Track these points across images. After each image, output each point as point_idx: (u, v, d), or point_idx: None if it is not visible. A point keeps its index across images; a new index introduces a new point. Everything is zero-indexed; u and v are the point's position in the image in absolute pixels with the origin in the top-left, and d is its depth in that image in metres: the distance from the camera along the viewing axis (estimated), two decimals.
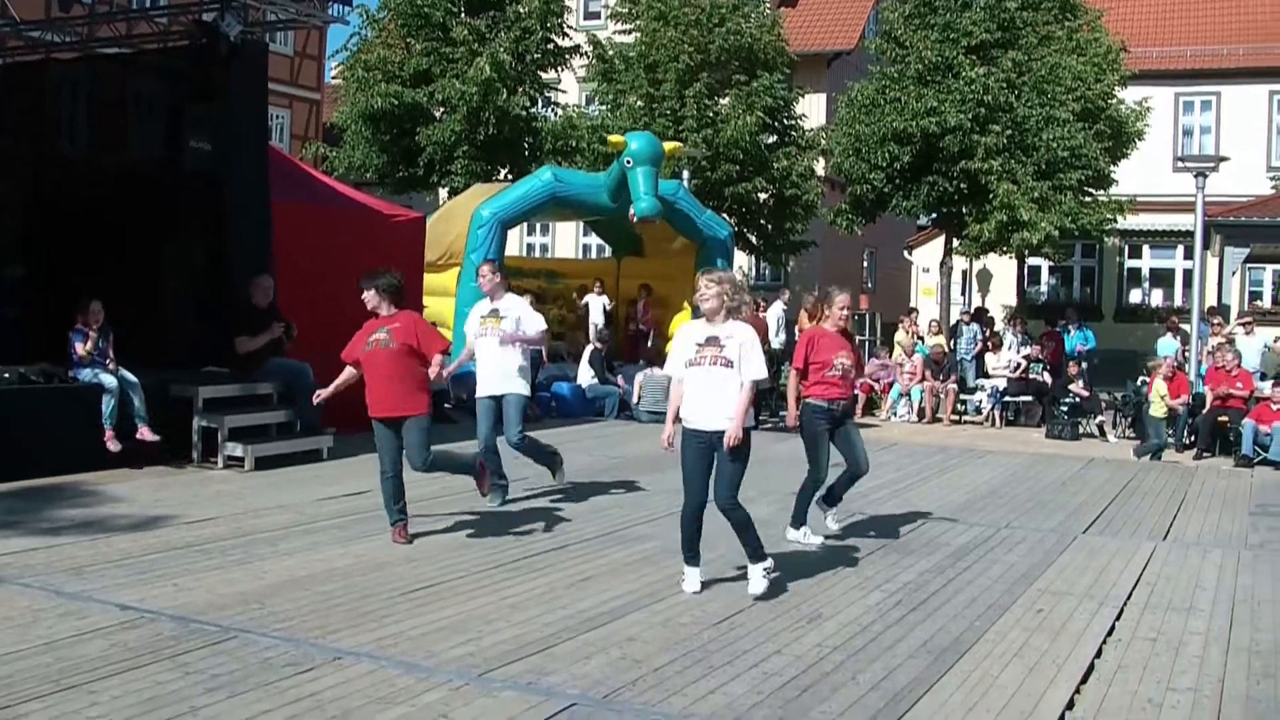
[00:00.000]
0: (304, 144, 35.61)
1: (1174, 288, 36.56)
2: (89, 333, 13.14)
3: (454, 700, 6.28)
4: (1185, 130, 36.45)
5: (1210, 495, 14.33)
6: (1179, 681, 7.05)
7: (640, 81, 29.55)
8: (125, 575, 8.67)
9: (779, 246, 31.35)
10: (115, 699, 6.13)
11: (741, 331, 8.49)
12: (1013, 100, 27.14)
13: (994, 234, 27.03)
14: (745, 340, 8.46)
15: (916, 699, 6.56)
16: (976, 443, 19.11)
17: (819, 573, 9.46)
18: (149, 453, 13.17)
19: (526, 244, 40.00)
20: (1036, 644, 7.71)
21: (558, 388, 20.76)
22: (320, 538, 10.07)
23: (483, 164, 28.90)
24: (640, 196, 19.76)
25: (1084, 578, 9.65)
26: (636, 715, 6.15)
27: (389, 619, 7.72)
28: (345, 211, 16.83)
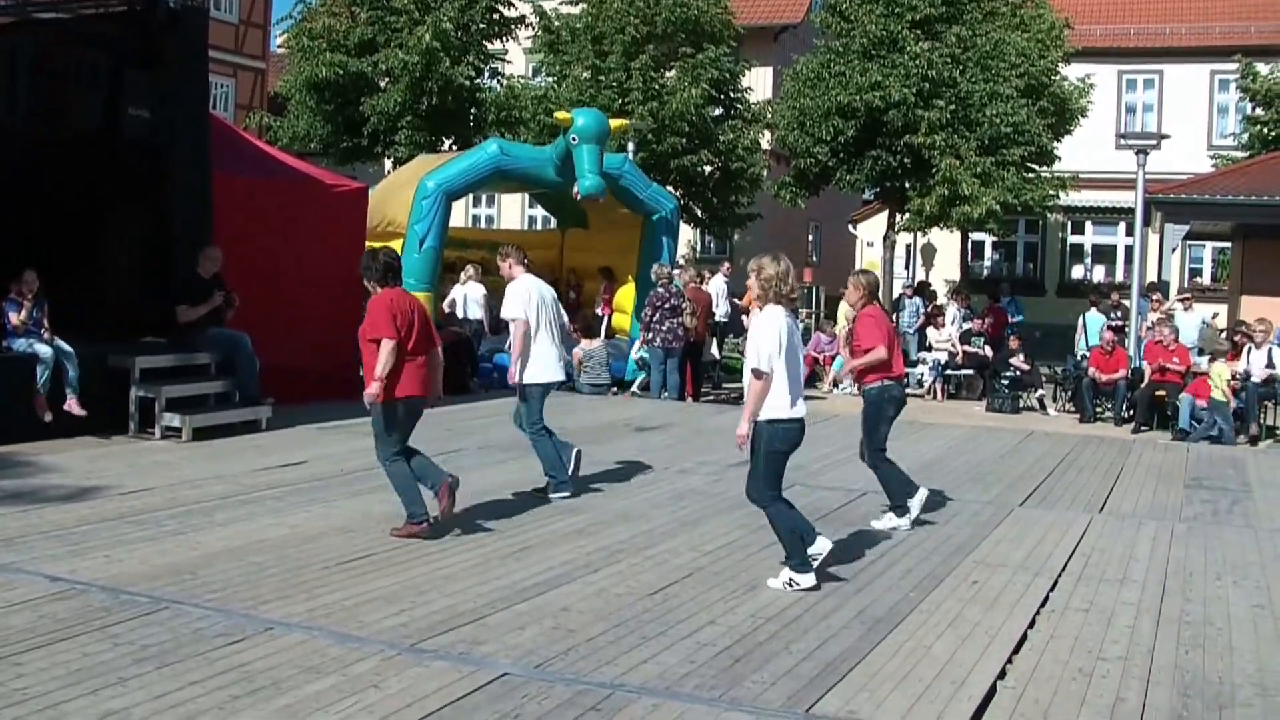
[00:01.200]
0: (248, 113, 35.29)
1: (1116, 264, 36.85)
2: (23, 302, 12.98)
3: (385, 670, 6.27)
4: (1128, 108, 36.72)
5: (1147, 468, 14.45)
6: (1109, 651, 7.12)
7: (586, 53, 29.45)
8: (56, 546, 8.57)
9: (724, 219, 31.38)
10: (42, 670, 6.07)
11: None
12: (956, 75, 27.21)
13: (936, 208, 27.13)
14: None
15: (849, 668, 6.60)
16: (917, 416, 19.12)
17: (754, 544, 9.46)
18: (84, 424, 13.02)
19: (472, 215, 39.85)
20: (970, 615, 7.76)
21: (499, 359, 20.66)
22: (256, 508, 10.00)
23: (426, 134, 28.77)
24: (584, 174, 19.70)
25: (1019, 550, 9.72)
26: (568, 685, 6.15)
27: (322, 590, 7.69)
28: (287, 182, 16.69)
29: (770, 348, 8.07)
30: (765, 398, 8.09)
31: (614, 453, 13.61)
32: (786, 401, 8.15)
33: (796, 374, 8.27)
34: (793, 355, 8.24)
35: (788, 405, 8.16)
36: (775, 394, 8.11)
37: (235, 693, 5.87)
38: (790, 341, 8.20)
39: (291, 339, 15.43)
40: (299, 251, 15.95)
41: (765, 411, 8.13)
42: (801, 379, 8.37)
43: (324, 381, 16.14)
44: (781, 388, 8.13)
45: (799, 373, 8.32)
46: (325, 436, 13.83)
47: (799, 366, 8.35)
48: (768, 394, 8.09)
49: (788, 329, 8.20)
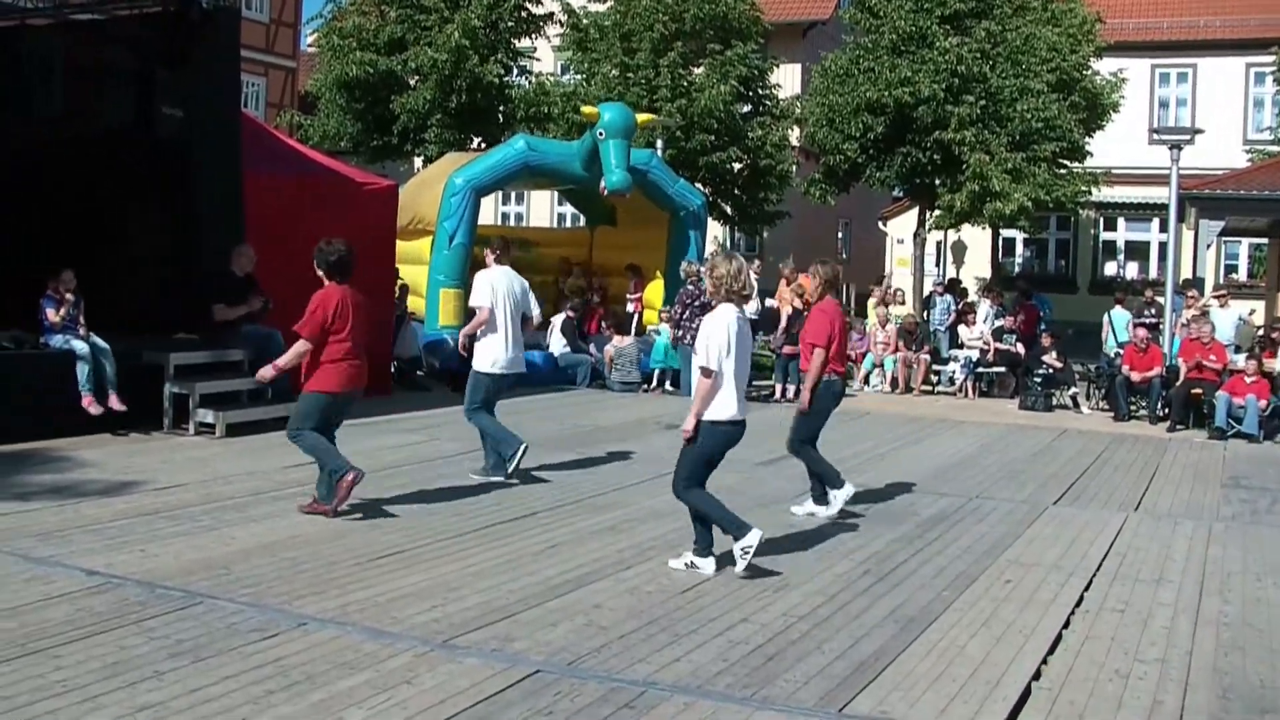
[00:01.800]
0: (279, 112, 35.42)
1: (1149, 260, 36.64)
2: (60, 299, 13.07)
3: (418, 666, 6.27)
4: (1161, 102, 36.47)
5: (1183, 467, 14.39)
6: (1146, 653, 7.08)
7: (615, 50, 29.40)
8: (93, 541, 8.62)
9: (753, 217, 31.28)
10: (80, 663, 6.11)
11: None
12: (987, 71, 27.06)
13: (967, 205, 26.98)
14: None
15: (882, 668, 6.58)
16: (949, 413, 19.10)
17: (787, 542, 9.46)
18: (119, 420, 13.09)
19: (501, 213, 39.89)
20: (1004, 614, 7.73)
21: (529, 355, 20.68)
22: (288, 504, 10.02)
23: (455, 132, 28.78)
24: (611, 170, 19.68)
25: (1053, 549, 9.68)
26: (600, 682, 6.15)
27: (354, 586, 7.71)
28: (318, 179, 16.73)
29: (719, 347, 8.18)
30: (713, 396, 8.20)
31: (644, 450, 13.61)
32: (731, 402, 8.25)
33: (743, 374, 8.39)
34: (741, 355, 8.34)
35: (731, 407, 8.26)
36: (721, 393, 8.23)
37: (270, 687, 5.89)
38: (739, 341, 8.29)
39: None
40: None
41: (709, 411, 8.23)
42: (746, 379, 8.49)
43: None
44: (728, 387, 8.23)
45: (746, 372, 8.44)
46: (356, 433, 13.76)
47: (747, 367, 8.48)
48: (716, 393, 8.20)
49: (737, 328, 8.29)
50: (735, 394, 8.24)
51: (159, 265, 14.77)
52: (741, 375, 8.32)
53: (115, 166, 14.51)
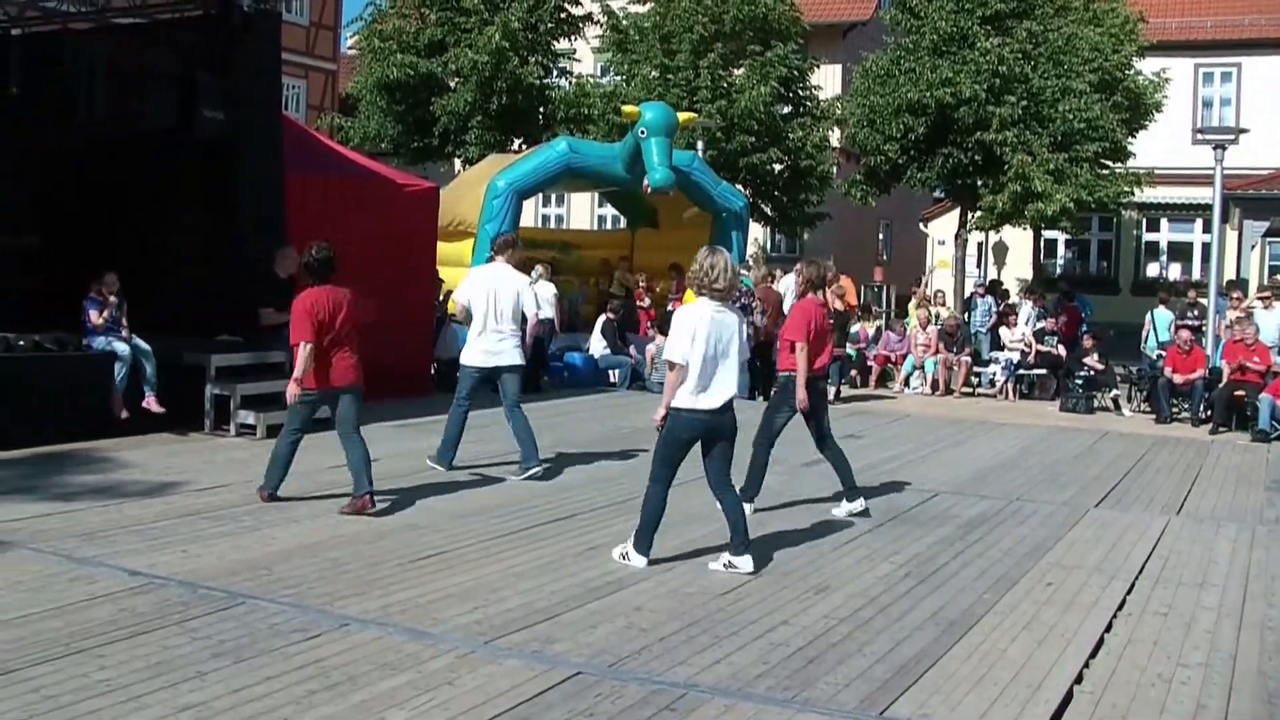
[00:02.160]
0: (319, 114, 35.56)
1: (1192, 261, 36.37)
2: (104, 301, 13.17)
3: (460, 667, 6.29)
4: (1205, 102, 36.20)
5: (1225, 470, 14.28)
6: (1190, 657, 7.03)
7: (655, 52, 29.42)
8: (136, 541, 8.68)
9: (793, 218, 31.24)
10: (123, 663, 6.15)
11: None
12: (1028, 71, 26.95)
13: (1008, 206, 26.88)
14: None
15: (924, 671, 6.55)
16: (990, 415, 19.04)
17: (828, 544, 9.46)
18: (160, 421, 13.18)
19: (542, 215, 39.96)
20: (1046, 617, 7.69)
21: (570, 357, 20.75)
22: (330, 505, 10.06)
23: (496, 134, 28.84)
24: (654, 167, 19.68)
25: (1095, 551, 9.63)
26: (641, 684, 6.15)
27: (396, 586, 7.73)
28: (359, 181, 16.79)
29: (681, 340, 8.28)
30: (677, 387, 8.29)
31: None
32: (691, 391, 8.30)
33: (712, 367, 8.35)
34: (712, 348, 8.34)
35: (691, 395, 8.30)
36: (687, 383, 8.29)
37: (312, 688, 5.91)
38: (710, 334, 8.31)
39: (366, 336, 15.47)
40: (371, 251, 16.01)
41: (675, 399, 8.32)
42: (723, 371, 8.43)
43: (397, 379, 16.22)
44: (691, 378, 8.27)
45: (716, 366, 8.38)
46: (399, 434, 13.88)
47: (717, 360, 8.39)
48: (680, 383, 8.29)
49: (708, 322, 8.33)
50: (699, 384, 8.30)
51: (201, 267, 14.84)
52: (710, 368, 8.33)
53: (157, 169, 14.60)
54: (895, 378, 23.46)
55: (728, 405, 8.45)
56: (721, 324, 8.41)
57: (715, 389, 8.37)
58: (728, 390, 8.43)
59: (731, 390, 8.46)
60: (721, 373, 8.39)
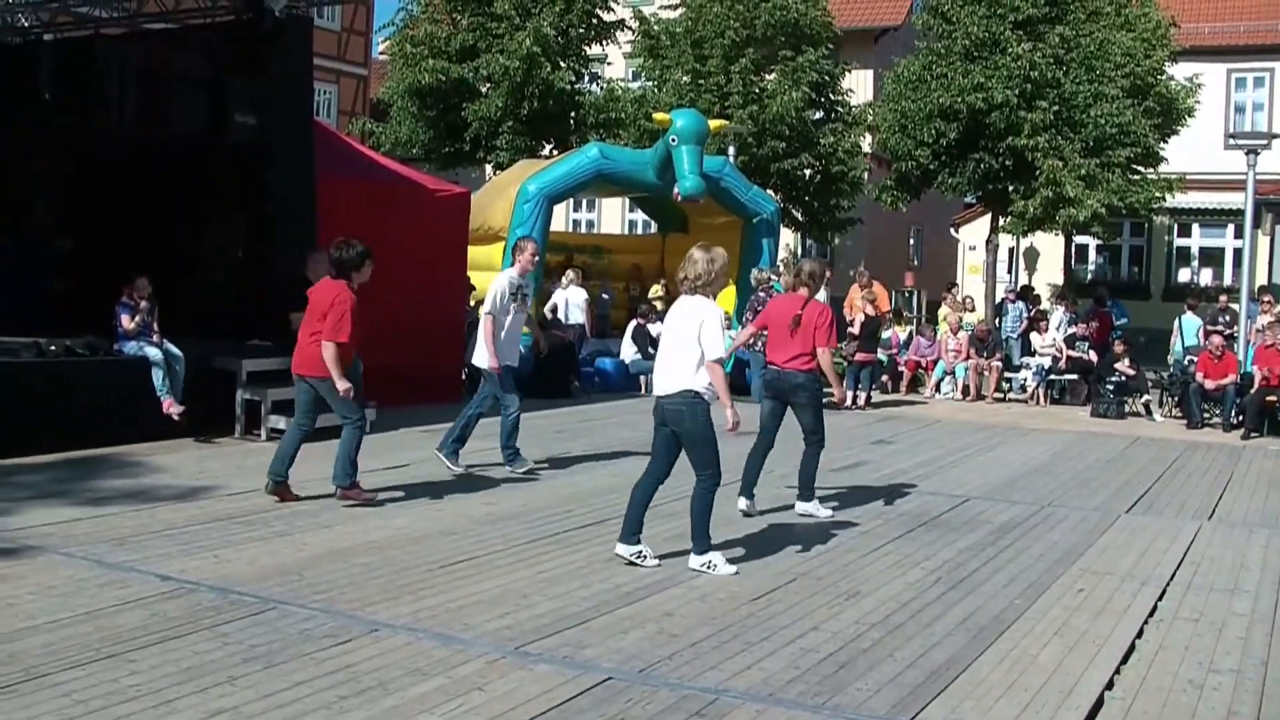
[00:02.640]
0: (351, 119, 35.66)
1: (1224, 267, 36.17)
2: (135, 306, 13.24)
3: (490, 673, 6.29)
4: (1238, 107, 36.04)
5: (1257, 475, 14.22)
6: (1221, 663, 6.99)
7: (686, 57, 29.43)
8: (167, 546, 8.71)
9: (824, 224, 31.20)
10: (154, 668, 6.16)
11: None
12: (1060, 76, 26.87)
13: (1040, 211, 26.80)
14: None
15: (954, 676, 6.53)
16: (1021, 421, 18.99)
17: (859, 550, 9.44)
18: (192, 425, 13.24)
19: (573, 220, 39.99)
20: (1077, 623, 7.66)
21: (601, 363, 20.76)
22: (360, 510, 10.09)
23: (527, 139, 28.87)
24: (685, 175, 19.67)
25: (1127, 557, 9.58)
26: (672, 689, 6.14)
27: (426, 592, 7.74)
28: (390, 186, 16.86)
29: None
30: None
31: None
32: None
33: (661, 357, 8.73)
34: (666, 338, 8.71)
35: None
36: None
37: (342, 693, 5.92)
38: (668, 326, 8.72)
39: (395, 342, 15.54)
40: (402, 255, 16.04)
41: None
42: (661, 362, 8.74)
43: (427, 384, 16.28)
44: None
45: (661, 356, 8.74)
46: (428, 439, 13.87)
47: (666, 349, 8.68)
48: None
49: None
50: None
51: (232, 271, 14.94)
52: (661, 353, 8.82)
53: (189, 174, 14.68)
54: (926, 383, 23.40)
55: (669, 394, 8.62)
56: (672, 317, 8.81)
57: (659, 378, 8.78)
58: (665, 379, 8.65)
59: (667, 379, 8.64)
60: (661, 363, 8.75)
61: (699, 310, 8.45)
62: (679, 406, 8.53)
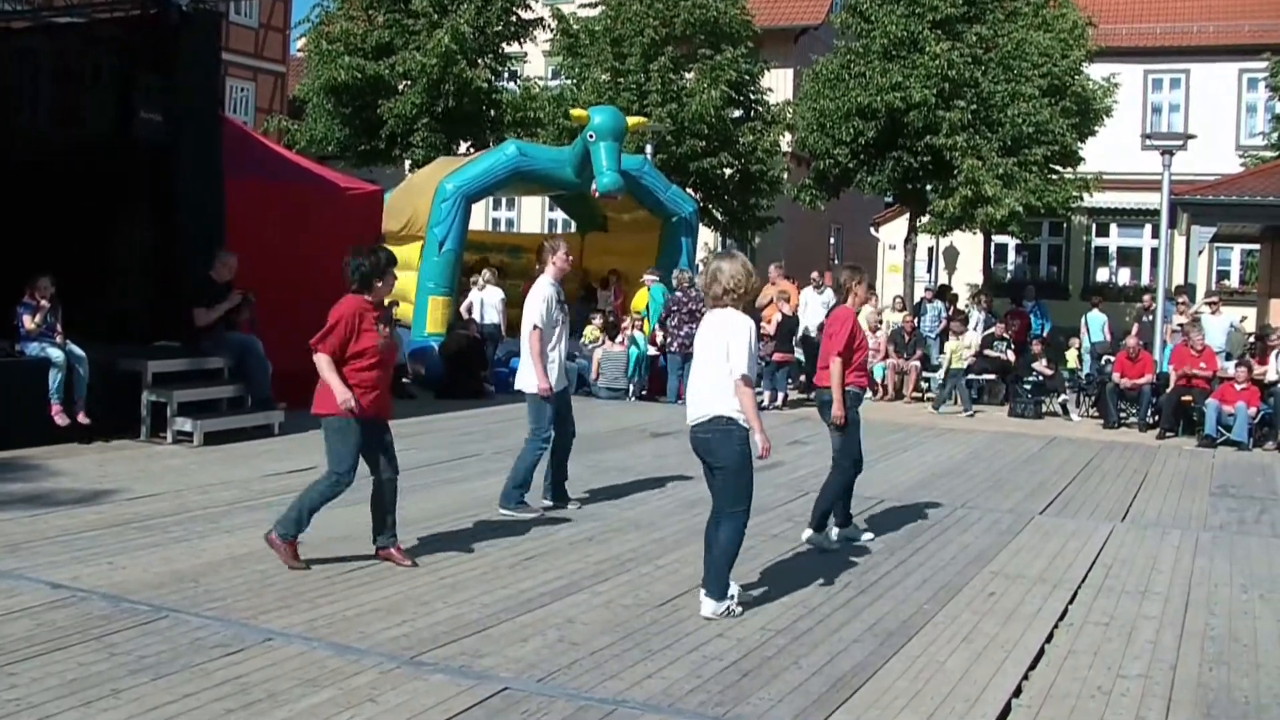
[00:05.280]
0: (268, 117, 35.25)
1: (1141, 266, 36.45)
2: (38, 306, 12.93)
3: (383, 684, 6.13)
4: (1154, 108, 36.34)
5: (1171, 476, 14.28)
6: (1130, 668, 6.95)
7: (605, 55, 29.29)
8: (61, 553, 8.47)
9: (744, 222, 31.16)
10: (35, 680, 5.96)
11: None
12: (978, 76, 26.94)
13: (958, 210, 26.87)
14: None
15: (859, 685, 6.44)
16: (937, 421, 19.02)
17: (769, 554, 9.33)
18: (97, 428, 12.95)
19: (492, 218, 39.72)
20: (986, 628, 7.60)
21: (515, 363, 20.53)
22: (264, 515, 9.81)
23: (443, 136, 28.64)
24: (603, 171, 19.56)
25: (1039, 560, 9.55)
26: (569, 700, 6.00)
27: (324, 599, 7.56)
28: (301, 185, 16.60)
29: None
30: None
31: (628, 458, 13.49)
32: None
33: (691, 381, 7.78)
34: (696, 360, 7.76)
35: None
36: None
37: (230, 705, 5.74)
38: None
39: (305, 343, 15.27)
40: (312, 255, 15.76)
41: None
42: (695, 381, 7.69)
43: None
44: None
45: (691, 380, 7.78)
46: None
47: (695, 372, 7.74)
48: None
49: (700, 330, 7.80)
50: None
51: (139, 271, 14.60)
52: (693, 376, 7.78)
53: (94, 171, 14.34)
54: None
55: (699, 423, 7.61)
56: (704, 331, 7.75)
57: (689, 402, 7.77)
58: (693, 406, 7.68)
59: (697, 405, 7.63)
60: (693, 385, 7.72)
61: (728, 325, 7.55)
62: (708, 435, 7.54)
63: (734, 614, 7.55)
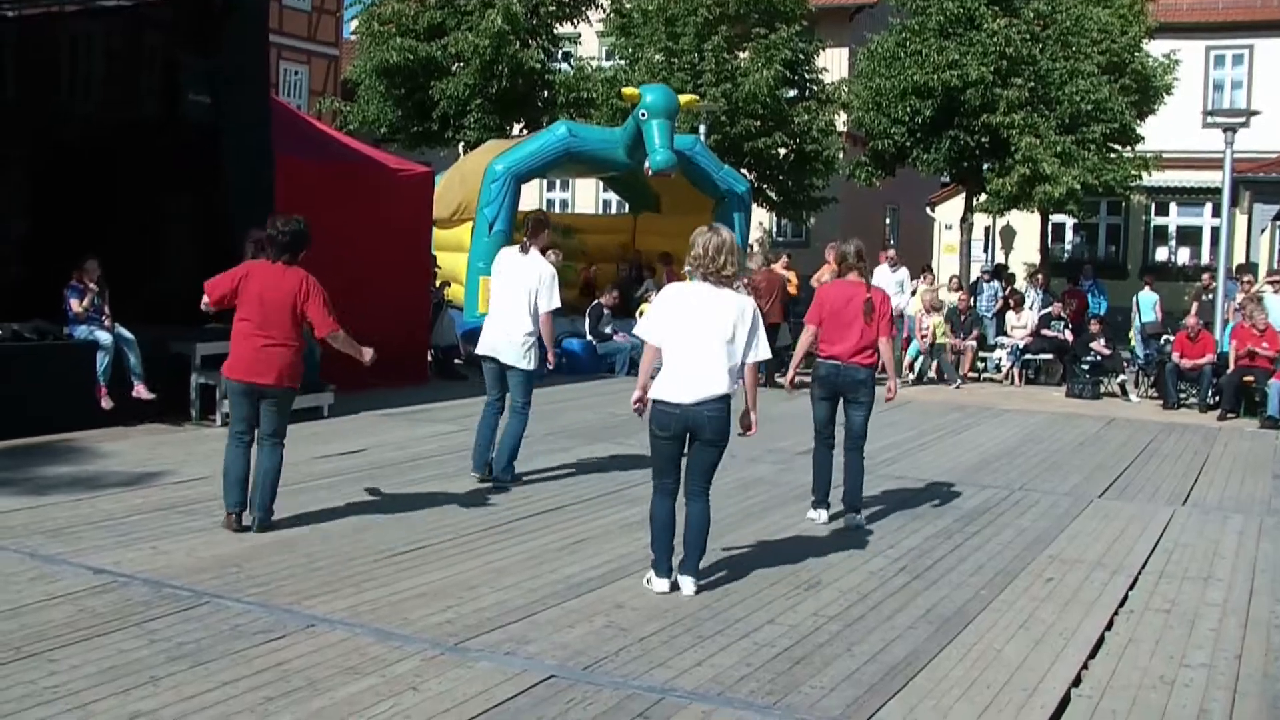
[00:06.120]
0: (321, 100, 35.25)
1: (1201, 245, 35.93)
2: (85, 289, 12.90)
3: (426, 671, 6.00)
4: (1216, 84, 35.68)
5: (1233, 458, 14.00)
6: (1193, 657, 6.76)
7: (659, 35, 29.01)
8: (104, 537, 8.40)
9: (799, 202, 30.87)
10: (74, 668, 5.87)
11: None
12: (1035, 53, 26.52)
13: (1015, 189, 26.50)
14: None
15: (914, 673, 6.28)
16: (994, 402, 18.74)
17: (820, 538, 9.18)
18: (146, 410, 12.91)
19: (546, 199, 39.63)
20: (1044, 615, 7.41)
21: (568, 344, 20.43)
22: (309, 498, 9.78)
23: (496, 118, 28.49)
24: (655, 149, 19.37)
25: (1098, 545, 9.35)
26: (615, 688, 5.86)
27: (368, 584, 7.45)
28: (351, 166, 16.49)
29: (655, 318, 7.52)
30: (651, 371, 7.52)
31: None
32: (667, 380, 7.40)
33: (694, 354, 7.36)
34: (697, 333, 7.39)
35: (666, 384, 7.39)
36: (664, 370, 7.43)
37: (269, 694, 5.63)
38: (696, 317, 7.39)
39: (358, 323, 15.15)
40: (363, 236, 15.75)
41: (652, 389, 7.46)
42: (706, 361, 7.35)
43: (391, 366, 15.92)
44: (669, 364, 7.40)
45: (699, 354, 7.37)
46: (386, 424, 13.64)
47: (695, 348, 7.37)
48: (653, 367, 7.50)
49: (696, 303, 7.44)
50: (678, 373, 7.37)
51: (189, 253, 14.56)
52: (686, 356, 7.37)
53: (143, 154, 14.30)
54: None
55: (708, 401, 7.33)
56: (714, 308, 7.42)
57: (692, 380, 7.34)
58: (706, 383, 7.32)
59: (710, 384, 7.33)
60: (704, 362, 7.34)
61: (737, 306, 7.46)
62: (714, 414, 7.36)
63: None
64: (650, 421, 7.50)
